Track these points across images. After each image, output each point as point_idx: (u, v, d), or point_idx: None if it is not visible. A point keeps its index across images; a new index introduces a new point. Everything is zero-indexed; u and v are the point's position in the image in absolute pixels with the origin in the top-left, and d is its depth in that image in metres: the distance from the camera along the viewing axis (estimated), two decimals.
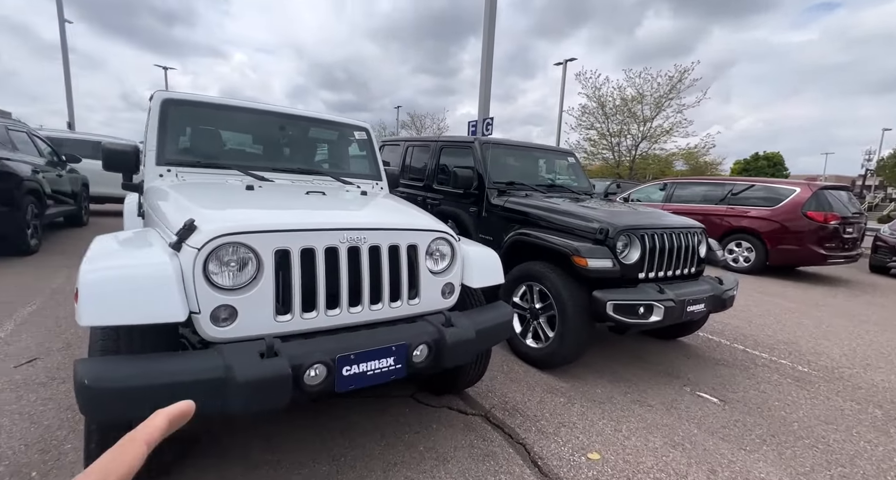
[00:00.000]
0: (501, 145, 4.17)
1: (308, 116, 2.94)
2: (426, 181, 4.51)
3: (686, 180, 8.68)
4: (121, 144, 2.28)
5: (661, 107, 19.16)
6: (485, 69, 8.16)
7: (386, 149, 5.59)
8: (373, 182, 3.01)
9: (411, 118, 32.66)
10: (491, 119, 8.10)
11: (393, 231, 1.78)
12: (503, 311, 2.08)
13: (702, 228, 3.27)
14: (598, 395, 2.59)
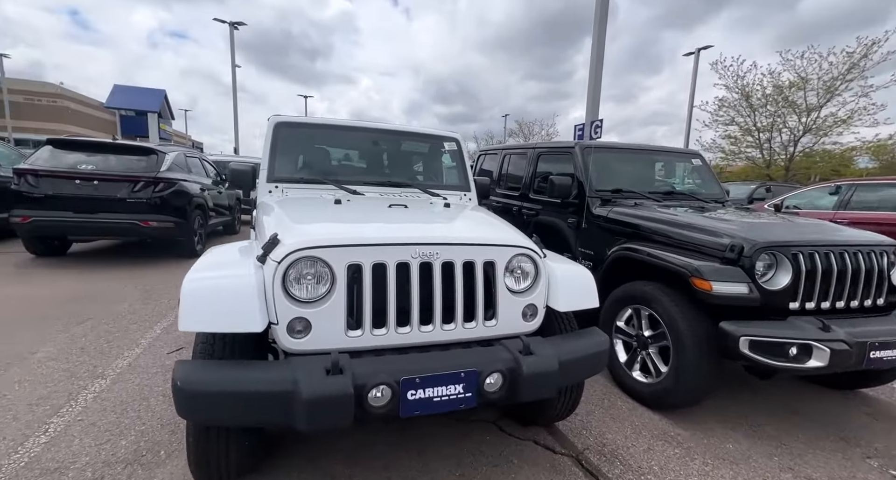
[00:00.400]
0: (607, 149, 3.75)
1: (399, 129, 3.03)
2: (522, 190, 4.31)
3: (872, 182, 6.72)
4: (243, 164, 2.63)
5: (835, 91, 15.46)
6: (594, 69, 7.58)
7: (486, 159, 5.54)
8: (461, 193, 2.95)
9: (519, 126, 32.40)
10: (600, 122, 7.46)
11: (468, 246, 1.67)
12: (597, 340, 1.79)
13: (894, 245, 2.44)
14: (728, 452, 2.07)
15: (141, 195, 4.97)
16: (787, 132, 17.06)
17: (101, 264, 5.24)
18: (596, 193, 3.39)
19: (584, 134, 7.79)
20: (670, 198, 3.53)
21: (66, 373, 2.46)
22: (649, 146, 3.99)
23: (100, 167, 4.96)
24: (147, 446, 1.87)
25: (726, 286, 2.15)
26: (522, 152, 4.54)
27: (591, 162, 3.58)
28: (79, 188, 4.78)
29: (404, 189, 2.74)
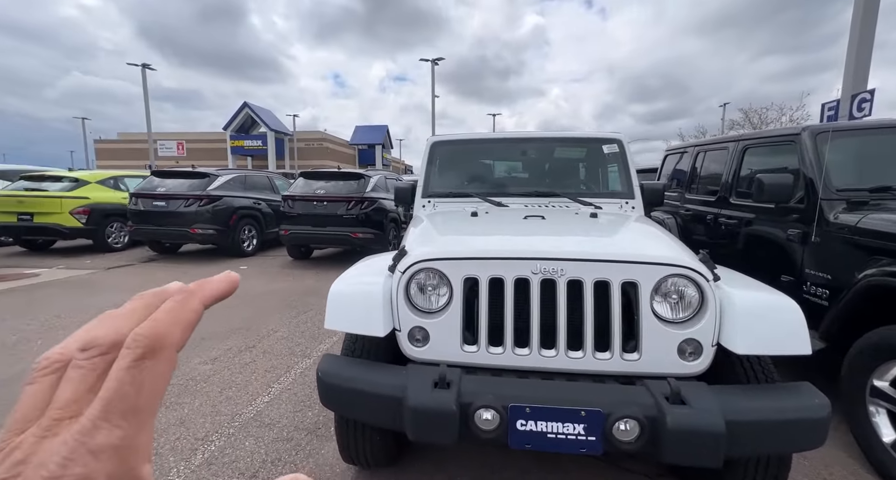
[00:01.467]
0: (860, 131, 2.64)
1: (548, 136, 2.88)
2: (721, 194, 3.45)
3: None
4: (405, 183, 2.96)
5: None
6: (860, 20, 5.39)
7: (673, 159, 4.72)
8: (622, 201, 2.57)
9: (745, 114, 26.20)
10: (869, 93, 5.20)
11: (601, 263, 1.43)
12: (806, 403, 1.27)
13: None
14: None
15: (353, 212, 6.24)
16: None
17: (332, 266, 6.80)
18: (837, 193, 2.42)
19: (836, 114, 5.67)
20: None
21: (288, 351, 3.26)
22: None
23: (328, 192, 6.48)
24: (324, 420, 2.28)
25: None
26: (722, 147, 3.65)
27: (831, 151, 2.58)
28: (315, 208, 6.35)
29: (553, 199, 2.57)
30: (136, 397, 0.18)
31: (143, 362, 0.18)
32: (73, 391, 0.18)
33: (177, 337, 0.20)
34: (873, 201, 2.32)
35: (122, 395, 0.17)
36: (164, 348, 0.19)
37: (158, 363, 0.18)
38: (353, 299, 1.57)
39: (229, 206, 6.94)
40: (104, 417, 0.17)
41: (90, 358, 0.18)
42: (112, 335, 0.19)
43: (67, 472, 0.16)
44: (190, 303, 0.21)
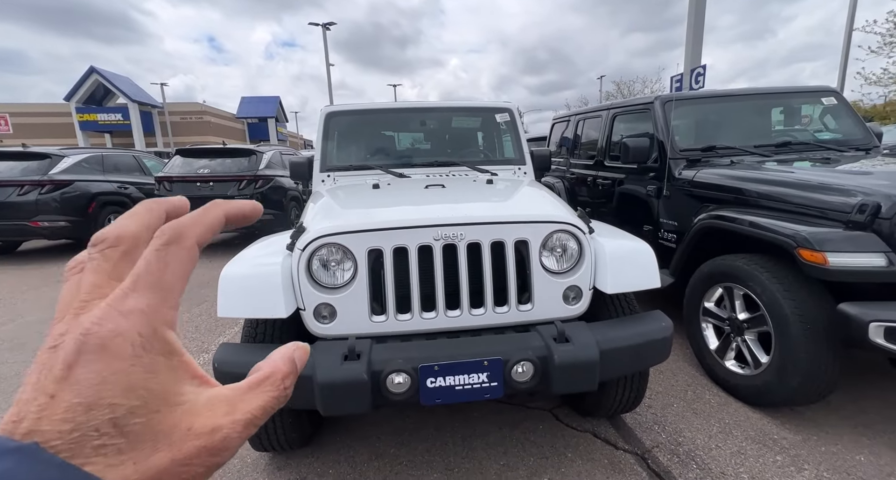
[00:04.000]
0: (694, 99, 3.16)
1: (444, 106, 2.93)
2: (598, 158, 3.88)
3: None
4: (301, 157, 2.80)
5: None
6: (694, 6, 6.36)
7: (560, 127, 5.13)
8: (515, 168, 2.76)
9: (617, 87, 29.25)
10: (703, 68, 6.28)
11: (497, 225, 1.55)
12: (655, 326, 1.55)
13: None
14: (858, 466, 1.65)
15: (246, 192, 5.70)
16: None
17: (228, 252, 6.19)
18: (680, 153, 2.89)
19: (681, 85, 6.68)
20: (786, 150, 2.85)
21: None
22: (754, 90, 3.24)
23: (214, 171, 5.80)
24: None
25: (849, 258, 1.67)
26: (597, 115, 4.07)
27: (676, 117, 3.05)
28: (199, 189, 5.66)
29: (452, 168, 2.65)
30: (161, 273, 0.20)
31: (168, 247, 0.21)
32: (93, 278, 0.20)
33: (198, 232, 0.22)
34: (704, 158, 2.83)
35: (149, 271, 0.20)
36: (185, 237, 0.21)
37: (181, 250, 0.21)
38: (248, 281, 1.48)
39: (84, 192, 5.81)
40: (133, 288, 0.19)
41: (101, 250, 0.21)
42: (116, 230, 0.21)
43: (101, 328, 0.18)
44: (212, 210, 0.24)
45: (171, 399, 0.19)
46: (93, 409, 0.17)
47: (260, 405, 0.21)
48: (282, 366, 0.22)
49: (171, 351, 0.20)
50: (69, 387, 0.17)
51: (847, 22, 13.45)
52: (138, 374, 0.18)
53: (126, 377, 0.18)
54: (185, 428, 0.19)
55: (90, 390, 0.17)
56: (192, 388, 0.20)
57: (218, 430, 0.19)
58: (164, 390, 0.19)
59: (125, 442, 0.17)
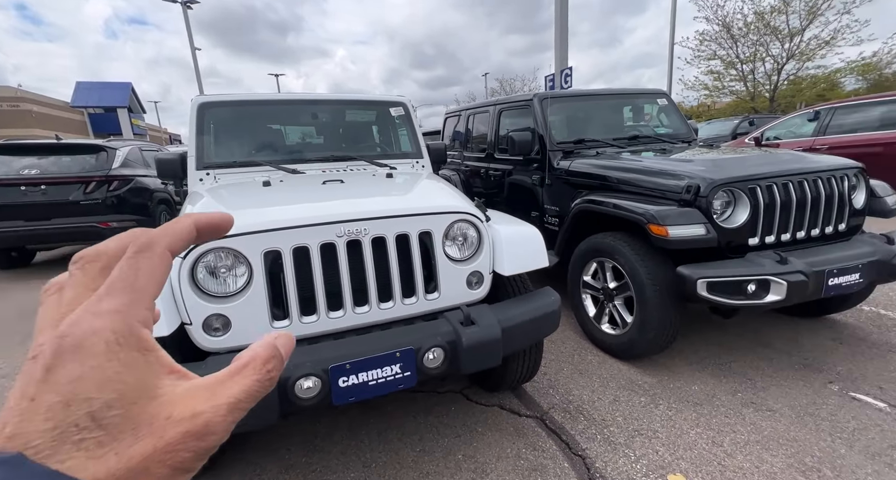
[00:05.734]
0: (565, 98, 3.57)
1: (337, 99, 2.83)
2: (488, 151, 4.14)
3: (851, 103, 6.51)
4: (170, 153, 2.45)
5: (817, 11, 14.85)
6: (559, 14, 7.13)
7: (452, 121, 5.32)
8: (413, 161, 2.80)
9: (500, 84, 31.25)
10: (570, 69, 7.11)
11: (399, 218, 1.57)
12: (546, 301, 1.74)
13: (857, 168, 2.35)
14: (693, 394, 2.08)
15: (96, 195, 4.77)
16: (771, 61, 16.57)
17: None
18: (557, 146, 3.24)
19: (554, 85, 7.46)
20: (636, 143, 3.39)
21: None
22: (609, 90, 3.79)
23: (47, 171, 4.72)
24: None
25: (682, 229, 2.08)
26: (484, 110, 4.33)
27: (552, 113, 3.41)
28: (26, 195, 4.56)
29: (350, 162, 2.59)
30: (133, 278, 0.21)
31: (139, 254, 0.21)
32: (73, 292, 0.21)
33: (167, 240, 0.23)
34: (576, 150, 3.22)
35: (121, 277, 0.21)
36: (155, 244, 0.22)
37: (152, 256, 0.22)
38: None
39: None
40: (107, 292, 0.20)
41: (80, 266, 0.22)
42: (95, 248, 0.22)
43: (76, 329, 0.19)
44: (181, 220, 0.24)
45: (148, 392, 0.19)
46: (70, 405, 0.17)
47: (243, 389, 0.21)
48: (262, 352, 0.22)
49: (146, 348, 0.20)
50: (48, 388, 0.17)
51: (669, 37, 16.38)
52: (114, 369, 0.18)
53: (101, 372, 0.18)
54: (164, 417, 0.19)
55: (67, 387, 0.17)
56: (170, 381, 0.20)
57: (199, 415, 0.19)
58: (140, 383, 0.19)
59: (104, 434, 0.18)
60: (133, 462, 0.18)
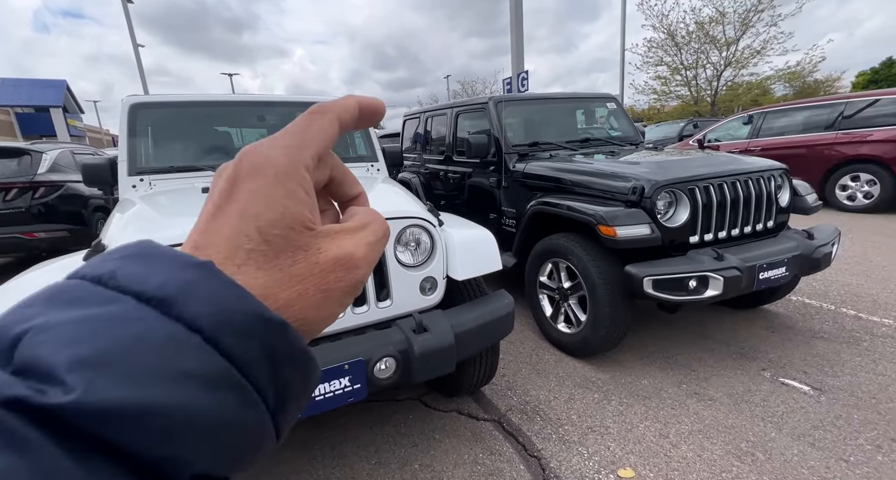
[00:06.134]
0: (520, 101, 3.63)
1: (286, 100, 2.73)
2: (447, 153, 4.14)
3: (778, 108, 7.10)
4: (98, 158, 2.27)
5: (749, 23, 16.07)
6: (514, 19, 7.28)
7: (410, 124, 5.28)
8: (368, 165, 2.75)
9: (462, 86, 31.53)
10: (526, 73, 7.28)
11: None
12: (499, 304, 1.74)
13: (782, 169, 2.53)
14: (643, 388, 2.16)
15: (20, 204, 4.34)
16: (711, 68, 17.72)
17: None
18: (513, 148, 3.29)
19: (511, 88, 7.60)
20: (587, 146, 3.50)
21: None
22: (561, 94, 3.89)
23: None
24: None
25: (629, 230, 2.16)
26: (442, 113, 4.32)
27: (507, 116, 3.46)
28: None
29: None
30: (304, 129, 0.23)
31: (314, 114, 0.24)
32: None
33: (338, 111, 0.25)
34: (531, 152, 3.28)
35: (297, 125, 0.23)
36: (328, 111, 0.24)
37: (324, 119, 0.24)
38: None
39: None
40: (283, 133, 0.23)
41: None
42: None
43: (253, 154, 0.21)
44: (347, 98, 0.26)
45: (304, 222, 0.21)
46: (243, 216, 0.20)
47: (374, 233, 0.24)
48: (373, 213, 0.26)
49: (305, 186, 0.22)
50: (228, 198, 0.20)
51: (620, 43, 17.16)
52: (279, 193, 0.21)
53: (270, 192, 0.20)
54: (315, 248, 0.21)
55: (242, 199, 0.20)
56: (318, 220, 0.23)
57: (346, 249, 0.22)
58: (299, 213, 0.21)
59: (269, 249, 0.20)
60: (294, 281, 0.20)
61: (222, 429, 0.16)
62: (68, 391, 0.14)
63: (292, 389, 0.19)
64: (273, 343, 0.18)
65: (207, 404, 0.16)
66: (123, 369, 0.15)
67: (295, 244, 0.21)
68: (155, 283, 0.17)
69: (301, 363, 0.20)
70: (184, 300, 0.17)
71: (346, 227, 0.24)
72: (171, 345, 0.16)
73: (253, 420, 0.18)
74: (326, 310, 0.22)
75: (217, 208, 0.20)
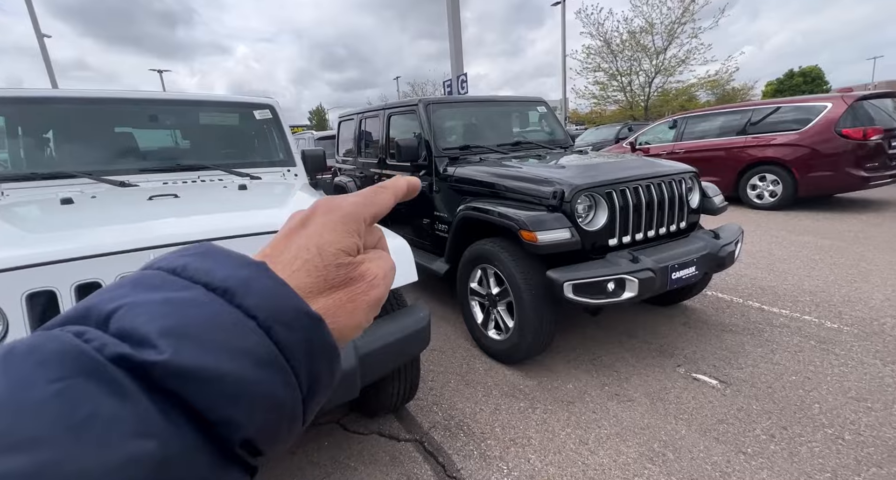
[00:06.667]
0: (450, 104, 3.58)
1: (185, 99, 2.47)
2: (380, 156, 4.01)
3: (698, 113, 7.67)
4: None
5: (674, 34, 17.32)
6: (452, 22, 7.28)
7: (346, 125, 5.08)
8: (283, 169, 2.55)
9: (412, 88, 31.32)
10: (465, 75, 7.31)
11: (228, 240, 1.35)
12: (414, 318, 1.64)
13: (692, 172, 2.66)
14: (568, 392, 2.16)
15: None
16: (643, 74, 18.90)
17: None
18: (443, 152, 3.22)
19: (452, 89, 7.60)
20: (518, 149, 3.51)
21: None
22: (492, 97, 3.90)
23: None
24: None
25: (550, 234, 2.15)
26: (375, 115, 4.18)
27: (439, 119, 3.39)
28: None
29: (203, 172, 2.26)
30: (373, 195, 0.31)
31: (381, 188, 0.32)
32: None
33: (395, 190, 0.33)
34: (462, 156, 3.23)
35: (368, 190, 0.31)
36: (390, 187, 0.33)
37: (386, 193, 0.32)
38: None
39: None
40: (356, 194, 0.30)
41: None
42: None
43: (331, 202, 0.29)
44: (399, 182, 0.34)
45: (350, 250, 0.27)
46: (310, 237, 0.26)
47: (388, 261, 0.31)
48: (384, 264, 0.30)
49: (360, 232, 0.28)
50: (302, 227, 0.27)
51: (562, 50, 17.86)
52: (341, 228, 0.27)
53: (334, 225, 0.27)
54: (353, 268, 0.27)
55: (312, 227, 0.27)
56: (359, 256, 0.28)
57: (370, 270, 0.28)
58: (350, 243, 0.27)
59: (321, 262, 0.25)
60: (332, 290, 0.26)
61: (269, 402, 0.20)
62: (161, 352, 0.18)
63: (321, 379, 0.23)
64: (310, 336, 0.22)
65: (259, 378, 0.19)
66: (200, 340, 0.19)
67: (339, 263, 0.26)
68: (220, 276, 0.21)
69: (331, 357, 0.23)
70: (243, 292, 0.21)
71: (369, 256, 0.29)
72: (234, 326, 0.20)
73: (290, 400, 0.21)
74: (354, 320, 0.26)
75: (291, 231, 0.27)
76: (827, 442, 1.70)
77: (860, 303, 2.93)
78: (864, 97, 5.98)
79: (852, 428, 1.77)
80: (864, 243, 4.25)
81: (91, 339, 0.17)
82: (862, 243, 4.26)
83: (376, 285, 0.27)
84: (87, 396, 0.16)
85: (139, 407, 0.16)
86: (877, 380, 2.08)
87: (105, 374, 0.16)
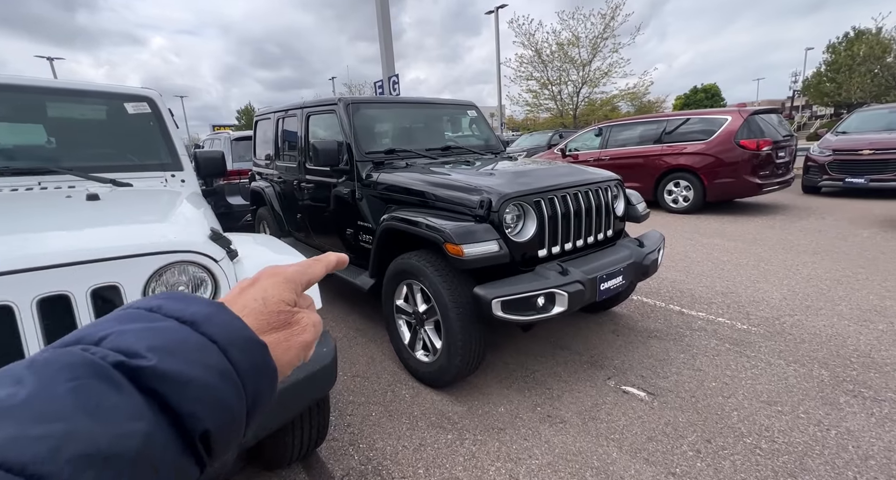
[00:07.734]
0: (374, 104, 3.33)
1: (31, 85, 1.97)
2: (299, 160, 3.63)
3: (620, 122, 8.14)
4: None
5: (598, 48, 18.49)
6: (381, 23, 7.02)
7: (263, 125, 4.60)
8: (167, 174, 2.14)
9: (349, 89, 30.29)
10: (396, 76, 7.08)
11: (48, 270, 1.00)
12: (315, 355, 1.37)
13: (616, 180, 2.66)
14: (499, 417, 2.01)
15: None
16: (572, 85, 19.95)
17: None
18: (366, 156, 2.96)
19: (383, 90, 7.33)
20: (447, 154, 3.35)
21: None
22: (419, 99, 3.71)
23: None
24: None
25: (477, 247, 1.99)
26: (293, 114, 3.80)
27: (362, 121, 3.12)
28: None
29: (49, 177, 1.80)
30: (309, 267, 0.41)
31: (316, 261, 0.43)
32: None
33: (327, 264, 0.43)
34: (387, 161, 3.00)
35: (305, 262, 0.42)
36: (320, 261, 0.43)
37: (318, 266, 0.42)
38: None
39: None
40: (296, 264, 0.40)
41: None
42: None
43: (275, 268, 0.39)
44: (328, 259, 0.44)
45: (289, 302, 0.36)
46: (258, 290, 0.36)
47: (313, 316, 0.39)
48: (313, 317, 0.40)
49: (297, 292, 0.38)
50: (252, 285, 0.36)
51: (496, 58, 18.31)
52: (282, 287, 0.36)
53: (277, 284, 0.36)
54: (290, 316, 0.36)
55: (259, 285, 0.36)
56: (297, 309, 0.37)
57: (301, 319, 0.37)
58: (290, 297, 0.36)
59: (265, 309, 0.34)
60: (273, 330, 0.34)
61: (223, 405, 0.27)
62: (149, 360, 0.25)
63: (262, 397, 0.30)
64: (256, 359, 0.30)
65: (218, 385, 0.27)
66: (176, 355, 0.26)
67: (280, 310, 0.35)
68: (189, 312, 0.29)
69: (271, 378, 0.31)
70: (207, 323, 0.29)
71: (303, 310, 0.37)
72: (201, 347, 0.27)
73: (238, 409, 0.28)
74: (289, 355, 0.35)
75: (242, 289, 0.36)
76: (747, 454, 1.71)
77: (763, 303, 3.14)
78: (756, 112, 6.68)
79: (767, 435, 1.80)
80: (760, 244, 4.67)
81: (95, 352, 0.24)
82: (759, 244, 4.67)
83: (307, 330, 0.36)
84: (96, 390, 0.22)
85: (133, 399, 0.23)
86: (783, 381, 2.18)
87: (108, 375, 0.23)
